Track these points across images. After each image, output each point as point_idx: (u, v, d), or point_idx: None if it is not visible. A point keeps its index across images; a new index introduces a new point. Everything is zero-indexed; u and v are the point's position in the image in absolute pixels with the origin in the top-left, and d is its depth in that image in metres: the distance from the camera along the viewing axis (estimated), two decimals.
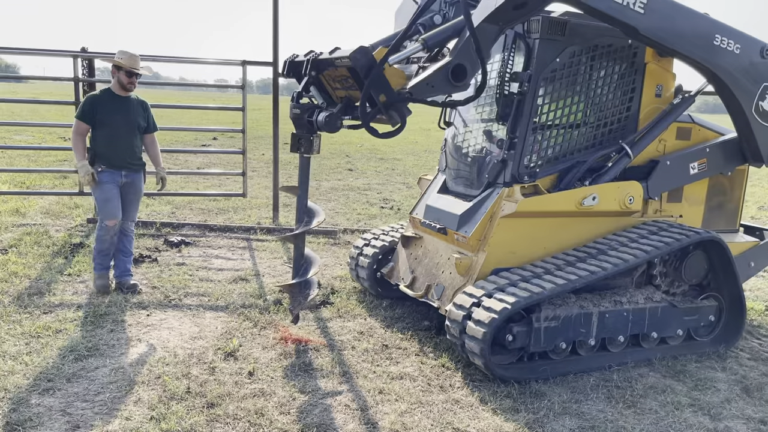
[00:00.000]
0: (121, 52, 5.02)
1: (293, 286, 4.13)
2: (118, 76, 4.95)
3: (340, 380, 3.76)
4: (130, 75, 4.95)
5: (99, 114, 4.88)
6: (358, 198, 10.15)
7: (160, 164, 5.36)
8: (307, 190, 4.11)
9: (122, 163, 4.98)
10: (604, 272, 3.87)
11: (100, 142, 4.92)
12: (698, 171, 4.65)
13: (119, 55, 4.99)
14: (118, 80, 4.96)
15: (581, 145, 4.35)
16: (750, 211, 10.44)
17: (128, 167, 5.03)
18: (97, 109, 4.88)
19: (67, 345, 4.03)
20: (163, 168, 5.39)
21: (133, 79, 4.99)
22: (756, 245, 4.95)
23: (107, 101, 4.95)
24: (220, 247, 6.70)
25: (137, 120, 5.07)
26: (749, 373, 4.11)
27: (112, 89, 5.00)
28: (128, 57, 4.97)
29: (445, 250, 4.45)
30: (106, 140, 4.91)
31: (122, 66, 4.92)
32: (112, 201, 4.97)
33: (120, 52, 5.02)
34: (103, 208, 4.98)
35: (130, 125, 5.01)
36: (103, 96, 4.98)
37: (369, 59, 3.36)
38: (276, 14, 7.36)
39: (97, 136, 4.93)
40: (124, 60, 4.93)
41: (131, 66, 4.94)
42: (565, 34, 4.06)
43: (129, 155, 5.02)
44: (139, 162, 5.13)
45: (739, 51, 4.23)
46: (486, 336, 3.57)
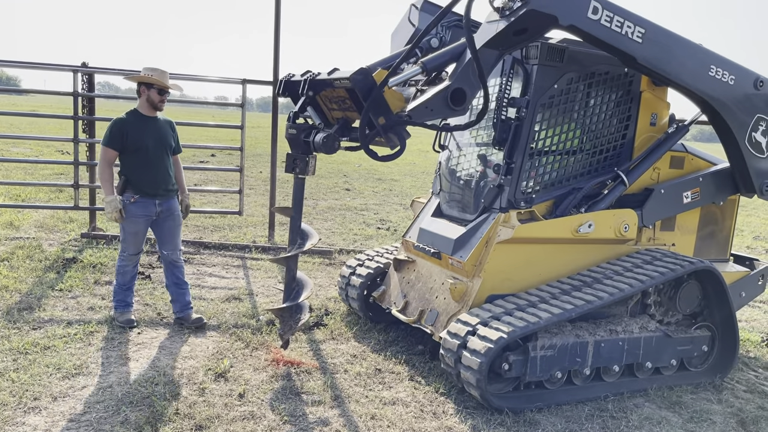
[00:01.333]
0: (149, 68, 4.66)
1: (284, 310, 4.10)
2: (149, 94, 4.59)
3: (331, 404, 3.71)
4: (161, 93, 4.62)
5: (129, 138, 4.52)
6: (355, 218, 10.15)
7: (184, 190, 4.96)
8: (301, 211, 4.09)
9: (156, 190, 4.63)
10: (601, 301, 3.86)
11: (132, 168, 4.57)
12: (691, 200, 4.67)
13: (148, 72, 4.63)
14: (148, 99, 4.60)
15: (577, 171, 4.37)
16: (746, 240, 10.47)
17: (162, 194, 4.67)
18: (127, 132, 4.52)
19: (54, 362, 3.98)
20: (187, 195, 4.99)
21: (164, 97, 4.65)
22: (746, 275, 4.96)
23: (136, 123, 4.59)
24: (214, 265, 6.67)
25: (167, 139, 4.74)
26: (745, 406, 4.08)
27: (140, 110, 4.64)
28: (159, 73, 4.63)
29: (439, 274, 4.43)
30: (139, 166, 4.57)
31: (153, 83, 4.57)
32: (140, 235, 4.68)
33: (148, 69, 4.66)
34: (131, 240, 4.67)
35: (162, 148, 4.67)
36: (131, 118, 4.61)
37: (369, 81, 3.37)
38: (277, 34, 7.42)
39: (128, 162, 4.58)
40: (156, 76, 4.59)
41: (163, 83, 4.60)
42: (564, 61, 4.10)
43: (163, 181, 4.67)
44: (174, 187, 4.79)
45: (733, 82, 4.28)
46: (482, 366, 3.54)
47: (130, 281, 4.77)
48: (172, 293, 4.87)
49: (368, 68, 3.46)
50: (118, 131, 4.52)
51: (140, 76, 4.60)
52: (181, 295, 4.85)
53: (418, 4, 4.47)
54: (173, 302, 4.89)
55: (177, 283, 4.84)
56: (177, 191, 4.85)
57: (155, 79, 4.56)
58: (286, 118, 4.10)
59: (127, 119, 4.59)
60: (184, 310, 4.84)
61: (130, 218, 4.57)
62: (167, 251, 4.80)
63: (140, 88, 4.61)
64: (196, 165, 14.74)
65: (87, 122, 7.44)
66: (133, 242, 4.68)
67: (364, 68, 3.41)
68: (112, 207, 4.48)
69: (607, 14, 3.63)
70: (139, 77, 4.61)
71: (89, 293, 5.41)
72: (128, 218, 4.57)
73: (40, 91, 8.52)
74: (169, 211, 4.74)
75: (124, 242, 4.69)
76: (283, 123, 4.19)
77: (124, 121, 4.58)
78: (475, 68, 3.34)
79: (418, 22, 4.38)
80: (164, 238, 4.79)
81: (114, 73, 7.54)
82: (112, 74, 7.47)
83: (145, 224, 4.67)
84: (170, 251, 4.80)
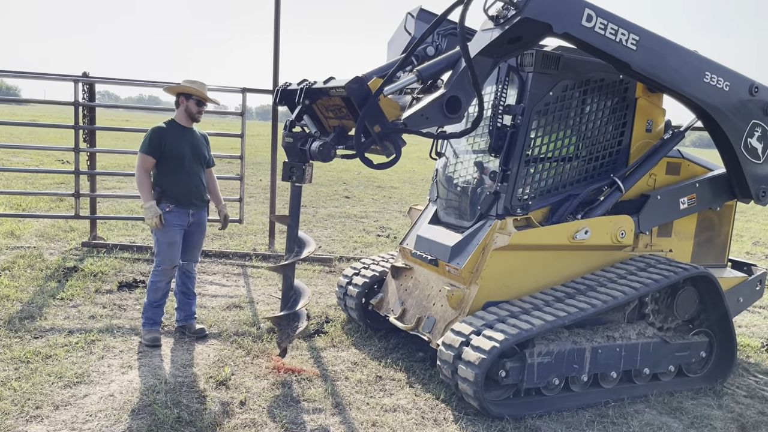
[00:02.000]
0: (189, 81, 4.71)
1: (281, 319, 4.12)
2: (187, 104, 4.62)
3: (332, 412, 3.73)
4: (199, 104, 4.65)
5: (167, 147, 4.53)
6: (355, 226, 10.18)
7: (221, 201, 5.06)
8: (298, 219, 4.12)
9: (191, 200, 4.65)
10: (594, 309, 3.87)
11: (168, 177, 4.57)
12: (688, 206, 4.70)
13: (187, 83, 4.67)
14: (186, 109, 4.64)
15: (573, 178, 4.40)
16: (745, 246, 10.49)
17: (196, 205, 4.70)
18: (166, 141, 4.53)
19: (56, 371, 4.00)
20: (224, 205, 5.07)
21: (202, 108, 4.70)
22: (744, 280, 4.97)
23: (175, 133, 4.61)
24: (214, 273, 6.69)
25: (203, 152, 4.76)
26: (746, 411, 4.08)
27: (177, 120, 4.67)
28: (198, 85, 4.66)
29: (436, 281, 4.46)
30: (175, 176, 4.57)
31: (193, 94, 4.61)
32: (175, 246, 4.61)
33: (187, 81, 4.71)
34: (167, 252, 4.58)
35: (198, 159, 4.70)
36: (170, 128, 4.63)
37: (364, 90, 3.41)
38: (277, 43, 7.48)
39: (164, 171, 4.57)
40: (195, 86, 4.63)
41: (202, 94, 4.62)
42: (559, 68, 4.14)
43: (198, 191, 4.69)
44: (206, 199, 4.84)
45: (728, 88, 4.31)
46: (478, 377, 3.55)
47: (162, 298, 4.66)
48: (179, 301, 4.86)
49: (364, 77, 3.50)
50: (157, 139, 4.53)
51: (180, 87, 4.65)
52: (188, 304, 4.85)
53: (413, 12, 4.52)
54: (178, 310, 4.87)
55: (185, 293, 4.84)
56: (208, 203, 4.89)
57: (194, 90, 4.61)
58: (284, 126, 4.14)
59: (166, 128, 4.61)
60: (188, 319, 4.85)
61: (166, 227, 4.55)
62: (185, 261, 4.79)
63: (179, 98, 4.66)
64: None
65: (87, 131, 7.49)
66: (169, 254, 4.60)
67: (360, 77, 3.45)
68: (152, 213, 4.47)
69: (601, 22, 3.66)
70: (179, 88, 4.66)
71: (90, 302, 5.43)
72: (165, 227, 4.55)
73: (41, 101, 8.57)
74: (198, 221, 4.77)
75: (160, 255, 4.60)
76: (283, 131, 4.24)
77: (163, 129, 4.59)
78: (470, 76, 3.38)
79: (414, 30, 4.42)
80: (187, 248, 4.77)
81: (114, 83, 7.60)
82: (112, 84, 7.52)
83: (180, 234, 4.64)
84: (188, 261, 4.82)
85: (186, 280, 4.84)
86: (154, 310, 4.65)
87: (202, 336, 4.79)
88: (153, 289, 4.62)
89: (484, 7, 3.50)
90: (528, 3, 3.34)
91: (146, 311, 4.65)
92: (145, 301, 4.68)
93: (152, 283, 4.63)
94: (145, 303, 4.67)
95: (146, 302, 4.65)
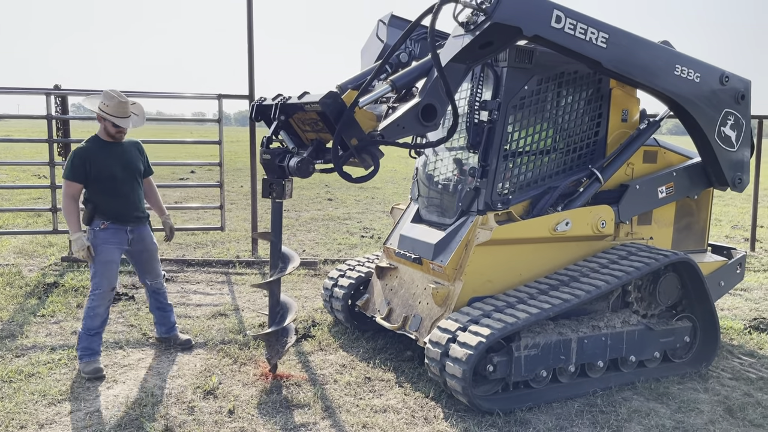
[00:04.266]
0: (108, 95, 4.23)
1: (270, 335, 4.10)
2: (105, 125, 4.25)
3: (322, 415, 3.71)
4: (117, 125, 4.24)
5: (93, 168, 4.18)
6: (339, 228, 10.16)
7: (164, 211, 4.72)
8: (281, 235, 4.10)
9: (128, 216, 4.31)
10: (578, 299, 3.90)
11: (100, 196, 4.23)
12: (666, 195, 4.75)
13: (105, 101, 4.21)
14: (105, 129, 4.27)
15: (552, 170, 4.43)
16: (724, 230, 10.65)
17: (134, 221, 4.36)
18: (91, 162, 4.17)
19: (40, 389, 3.94)
20: (168, 215, 4.75)
21: (123, 129, 4.28)
22: (724, 264, 5.04)
23: (100, 152, 4.24)
24: (198, 282, 6.64)
25: (136, 164, 4.40)
26: (731, 393, 4.13)
27: (101, 136, 4.30)
28: (115, 105, 4.20)
29: (421, 280, 4.46)
30: (107, 194, 4.24)
31: (105, 118, 4.20)
32: (113, 264, 4.27)
33: (106, 96, 4.23)
34: (104, 272, 4.22)
35: (131, 173, 4.34)
36: (93, 146, 4.25)
37: (339, 104, 3.40)
38: (251, 48, 7.43)
39: (95, 191, 4.24)
40: (110, 109, 4.19)
41: (117, 118, 4.20)
42: (533, 62, 4.17)
43: (134, 207, 4.35)
44: (145, 213, 4.48)
45: (699, 79, 4.38)
46: (466, 374, 3.55)
47: (101, 326, 4.27)
48: (157, 316, 4.73)
49: (337, 91, 3.49)
50: (80, 162, 4.17)
51: (97, 109, 4.23)
52: (166, 317, 4.72)
53: (385, 19, 4.52)
54: (158, 325, 4.75)
55: (160, 307, 4.69)
56: (148, 217, 4.53)
57: (106, 114, 4.18)
58: (265, 130, 4.11)
59: (89, 148, 4.24)
60: (170, 331, 4.73)
61: (101, 245, 4.21)
62: (150, 281, 4.59)
63: (98, 115, 4.26)
64: (176, 182, 14.67)
65: (62, 145, 7.40)
66: (107, 274, 4.24)
67: (334, 92, 3.45)
68: (80, 245, 4.14)
69: (570, 22, 3.70)
70: (93, 107, 4.26)
71: (72, 317, 5.36)
72: (99, 246, 4.21)
73: (13, 116, 8.43)
74: (140, 238, 4.43)
75: (96, 276, 4.22)
76: (261, 136, 4.20)
77: (85, 150, 4.22)
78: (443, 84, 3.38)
79: (387, 37, 4.43)
80: (144, 268, 4.55)
81: (86, 95, 7.49)
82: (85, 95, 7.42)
83: (118, 253, 4.32)
84: (152, 280, 4.60)
85: (158, 297, 4.66)
86: (91, 339, 4.22)
87: (189, 347, 4.70)
88: (90, 316, 4.21)
89: (454, 13, 3.52)
90: (497, 8, 3.37)
91: (82, 341, 4.21)
92: (80, 330, 4.25)
93: (89, 309, 4.22)
94: (80, 332, 4.24)
95: (81, 331, 4.22)
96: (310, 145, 3.82)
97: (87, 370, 4.15)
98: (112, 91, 4.26)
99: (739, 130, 4.72)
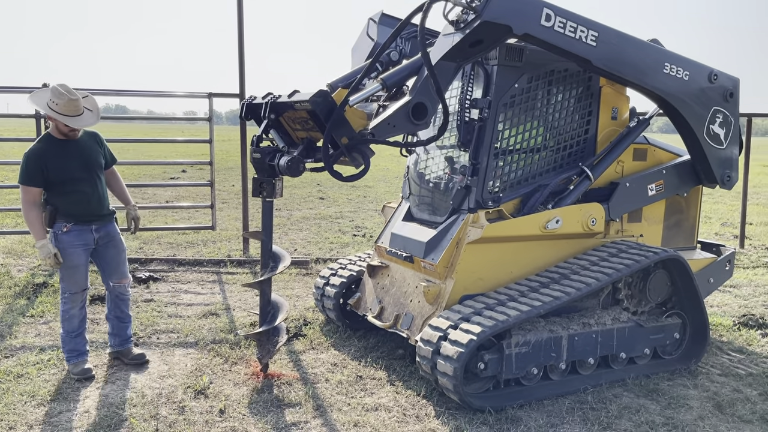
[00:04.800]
0: (56, 92, 3.84)
1: (261, 335, 4.10)
2: (56, 124, 3.91)
3: (314, 414, 3.71)
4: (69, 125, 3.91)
5: (50, 171, 3.89)
6: (330, 226, 10.15)
7: (129, 201, 4.44)
8: (272, 234, 4.09)
9: (92, 215, 4.07)
10: (567, 297, 3.91)
11: (59, 197, 3.97)
12: (656, 192, 4.77)
13: (54, 98, 3.83)
14: (57, 128, 3.94)
15: (543, 168, 4.44)
16: (714, 227, 10.72)
17: (99, 219, 4.12)
18: (47, 164, 3.88)
19: (29, 390, 3.91)
20: (134, 206, 4.46)
21: (76, 128, 3.97)
22: (714, 261, 5.07)
23: (55, 151, 3.93)
24: (189, 282, 6.61)
25: (96, 159, 4.11)
26: (721, 390, 4.16)
27: (53, 134, 3.98)
28: (65, 103, 3.83)
29: (412, 278, 4.46)
30: (67, 195, 3.97)
31: (52, 119, 3.89)
32: (80, 268, 4.07)
33: (54, 93, 3.85)
34: (72, 277, 4.05)
35: (90, 169, 4.05)
36: (48, 146, 3.94)
37: (329, 102, 3.39)
38: (241, 46, 7.41)
39: (54, 192, 3.98)
40: (60, 108, 3.83)
41: (68, 117, 3.85)
42: (523, 60, 4.17)
43: (98, 204, 4.10)
44: (110, 210, 4.22)
45: (688, 77, 4.40)
46: (457, 372, 3.55)
47: (80, 326, 4.14)
48: (113, 326, 4.35)
49: (328, 89, 3.48)
50: (35, 165, 3.87)
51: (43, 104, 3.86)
52: (123, 328, 4.36)
53: (375, 18, 4.51)
54: (112, 335, 4.38)
55: (120, 317, 4.34)
56: (113, 214, 4.27)
57: (54, 115, 3.83)
58: (257, 129, 4.09)
59: (43, 148, 3.92)
60: (124, 343, 4.37)
61: (66, 249, 3.98)
62: (114, 282, 4.26)
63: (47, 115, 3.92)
64: (167, 181, 14.61)
65: None
66: (74, 278, 4.06)
67: (324, 90, 3.44)
68: (45, 253, 3.90)
69: (560, 20, 3.71)
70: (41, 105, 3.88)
71: None
72: (64, 251, 3.98)
73: (2, 115, 8.37)
74: (108, 236, 4.17)
75: (64, 281, 4.06)
76: (252, 134, 4.19)
77: (39, 151, 3.90)
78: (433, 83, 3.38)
79: (377, 36, 4.42)
80: (108, 268, 4.26)
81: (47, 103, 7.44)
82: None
83: (84, 255, 4.09)
84: (117, 282, 4.27)
85: (119, 303, 4.33)
86: (75, 341, 4.13)
87: (142, 362, 4.34)
88: (66, 319, 4.10)
89: (444, 12, 3.51)
90: (486, 6, 3.37)
91: (66, 344, 4.13)
92: (61, 333, 4.16)
93: (64, 312, 4.10)
94: (62, 335, 4.15)
95: (63, 334, 4.13)
96: (301, 144, 3.80)
97: (75, 372, 4.11)
98: (60, 86, 3.91)
99: (728, 128, 4.75)
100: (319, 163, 3.67)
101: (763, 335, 5.23)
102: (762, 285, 6.86)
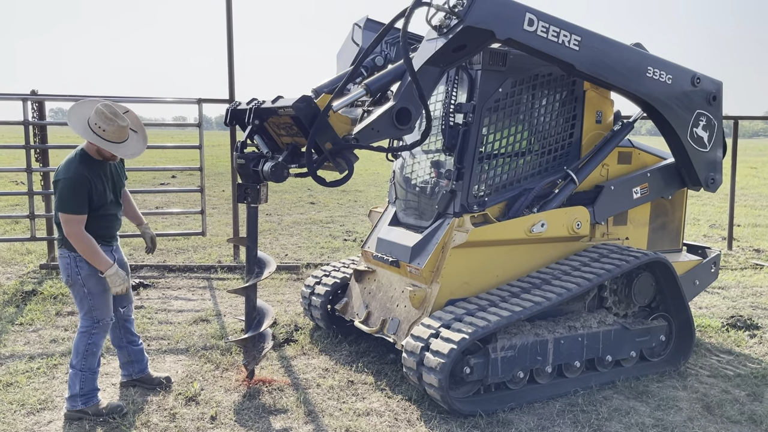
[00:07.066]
0: (103, 117, 3.51)
1: (246, 341, 4.11)
2: (99, 149, 3.60)
3: (305, 420, 3.72)
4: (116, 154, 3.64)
5: (93, 194, 3.60)
6: (321, 231, 10.16)
7: (142, 220, 4.18)
8: (257, 240, 4.11)
9: (113, 237, 3.85)
10: (549, 302, 3.93)
11: (92, 221, 3.64)
12: (641, 195, 4.82)
13: (101, 123, 3.51)
14: (99, 152, 3.63)
15: (527, 172, 4.47)
16: (702, 229, 10.81)
17: (116, 240, 3.90)
18: (90, 189, 3.58)
19: (18, 398, 3.91)
20: (147, 224, 4.21)
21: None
22: (699, 263, 5.12)
23: (95, 173, 3.62)
24: (179, 288, 6.61)
25: (122, 180, 3.91)
26: (709, 391, 4.19)
27: (90, 154, 3.64)
28: (114, 129, 3.54)
29: (398, 283, 4.48)
30: (100, 217, 3.70)
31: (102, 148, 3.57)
32: (110, 293, 3.72)
33: (101, 117, 3.51)
34: (105, 303, 3.71)
35: (118, 191, 3.85)
36: (89, 170, 3.59)
37: (312, 108, 3.42)
38: (230, 51, 7.42)
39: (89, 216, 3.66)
40: (107, 133, 3.53)
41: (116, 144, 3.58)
42: (506, 65, 4.21)
43: (119, 224, 3.90)
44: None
45: (671, 81, 4.45)
46: (442, 382, 3.56)
47: (98, 362, 3.80)
48: (130, 353, 4.06)
49: (311, 95, 3.50)
50: (84, 192, 3.54)
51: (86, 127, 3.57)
52: (139, 352, 4.09)
53: (360, 23, 4.54)
54: (130, 364, 4.08)
55: (132, 341, 4.07)
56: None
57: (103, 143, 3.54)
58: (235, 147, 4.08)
59: (88, 172, 3.58)
60: (145, 369, 4.13)
61: (96, 275, 3.65)
62: (123, 307, 3.99)
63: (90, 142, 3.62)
64: (156, 187, 14.56)
65: (40, 151, 7.32)
66: (108, 303, 3.74)
67: (307, 96, 3.46)
68: (121, 278, 3.65)
69: (542, 25, 3.75)
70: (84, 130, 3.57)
71: (51, 325, 5.31)
72: (94, 275, 3.66)
73: None
74: (120, 257, 3.94)
75: (97, 309, 3.68)
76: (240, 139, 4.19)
77: (84, 178, 3.55)
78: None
79: (362, 41, 4.45)
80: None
81: (65, 100, 7.44)
82: (63, 101, 7.37)
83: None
84: (126, 306, 4.01)
85: (128, 326, 4.05)
86: (93, 378, 3.72)
87: (170, 384, 4.12)
88: (93, 353, 3.69)
89: (427, 17, 3.54)
90: (469, 11, 3.40)
91: (84, 384, 3.66)
92: (73, 370, 3.68)
93: (91, 345, 3.68)
94: (80, 376, 3.66)
95: (84, 374, 3.67)
96: (285, 150, 3.82)
97: (106, 411, 3.70)
98: (105, 107, 3.55)
99: (711, 131, 4.81)
100: (304, 168, 3.68)
101: (752, 336, 5.28)
102: (750, 286, 6.94)
